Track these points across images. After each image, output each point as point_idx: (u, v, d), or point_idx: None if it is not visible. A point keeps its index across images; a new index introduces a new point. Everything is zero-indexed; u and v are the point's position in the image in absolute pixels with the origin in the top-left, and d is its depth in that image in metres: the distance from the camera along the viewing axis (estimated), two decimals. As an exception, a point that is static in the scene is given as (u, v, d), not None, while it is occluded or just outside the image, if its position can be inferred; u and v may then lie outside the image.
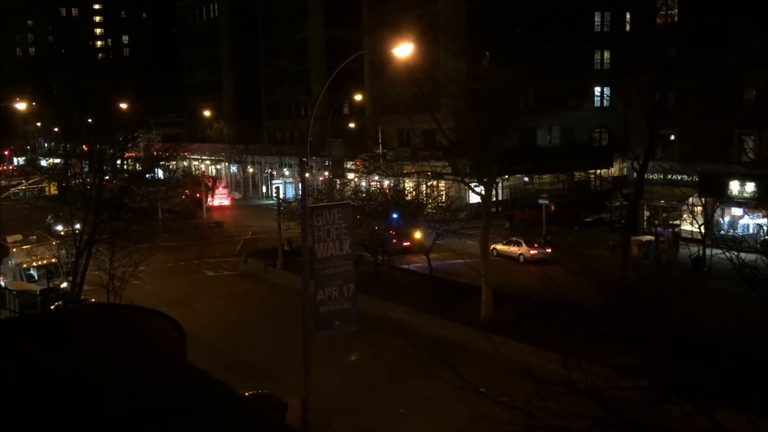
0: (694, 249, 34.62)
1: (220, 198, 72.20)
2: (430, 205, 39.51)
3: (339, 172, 53.77)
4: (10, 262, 36.07)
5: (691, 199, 41.69)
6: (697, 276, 28.08)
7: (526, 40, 55.75)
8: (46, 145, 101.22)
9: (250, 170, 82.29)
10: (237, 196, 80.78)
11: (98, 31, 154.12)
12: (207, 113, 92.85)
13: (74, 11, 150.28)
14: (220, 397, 7.54)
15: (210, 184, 69.01)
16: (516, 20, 57.64)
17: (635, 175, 36.25)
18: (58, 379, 7.69)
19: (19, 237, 38.68)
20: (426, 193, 43.06)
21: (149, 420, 6.85)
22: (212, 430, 6.82)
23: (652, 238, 41.19)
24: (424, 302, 32.29)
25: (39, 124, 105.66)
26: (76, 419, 6.88)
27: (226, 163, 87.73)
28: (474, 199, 46.66)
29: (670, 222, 43.82)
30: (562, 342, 11.11)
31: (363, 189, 46.25)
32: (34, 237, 39.42)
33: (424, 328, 29.88)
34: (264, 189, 79.34)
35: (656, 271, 21.42)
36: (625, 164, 60.52)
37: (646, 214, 46.87)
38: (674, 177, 44.06)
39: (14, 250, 36.57)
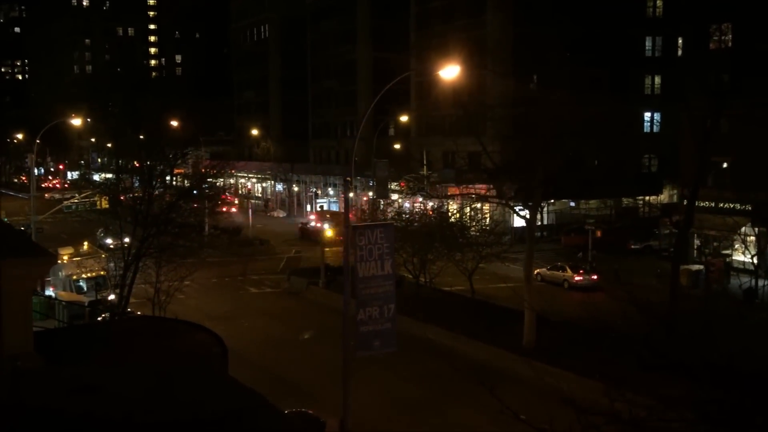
0: (745, 280, 33.66)
1: (228, 206, 71.41)
2: (473, 228, 39.24)
3: (383, 192, 53.88)
4: (60, 273, 36.97)
5: (743, 229, 40.57)
6: (748, 307, 27.24)
7: (575, 63, 55.29)
8: (99, 160, 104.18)
9: (296, 189, 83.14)
10: (282, 214, 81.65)
11: (153, 50, 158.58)
12: (255, 132, 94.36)
13: (130, 31, 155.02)
14: (259, 411, 7.56)
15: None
16: (565, 44, 57.27)
17: (685, 202, 35.49)
18: (101, 388, 7.82)
19: (69, 249, 39.68)
20: (470, 216, 42.82)
21: (188, 430, 6.90)
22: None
23: (702, 267, 40.15)
24: (466, 325, 31.98)
25: (93, 139, 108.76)
26: (115, 428, 6.97)
27: (272, 182, 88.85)
28: (518, 222, 46.21)
29: (721, 251, 42.67)
30: (606, 371, 10.87)
31: (406, 210, 46.23)
32: (85, 249, 40.40)
33: (464, 351, 29.57)
34: (308, 208, 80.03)
35: (706, 300, 20.86)
36: (674, 191, 59.33)
37: (696, 242, 45.73)
38: (726, 205, 42.98)
39: (65, 261, 37.50)
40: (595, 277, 41.24)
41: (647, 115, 65.18)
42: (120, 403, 7.46)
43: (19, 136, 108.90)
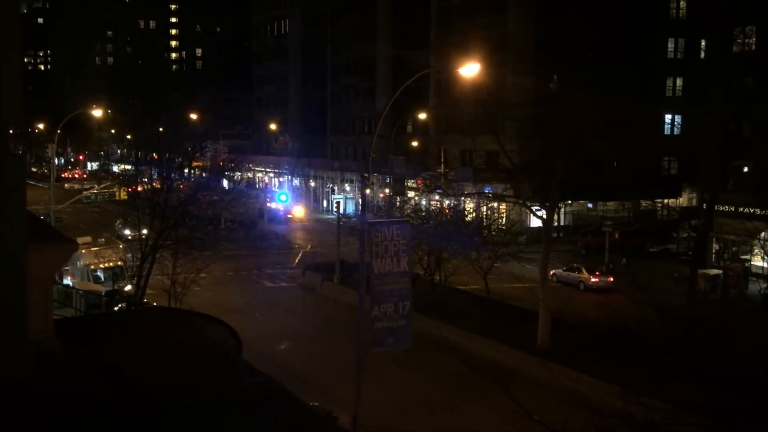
0: (764, 285, 33.30)
1: None
2: (490, 227, 39.13)
3: (399, 189, 53.89)
4: (78, 262, 37.30)
5: (763, 234, 40.14)
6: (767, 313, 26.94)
7: (596, 64, 54.92)
8: (118, 151, 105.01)
9: (312, 184, 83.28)
10: (300, 208, 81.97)
11: (174, 43, 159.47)
12: (273, 126, 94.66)
13: (152, 24, 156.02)
14: (282, 398, 7.61)
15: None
16: (586, 44, 56.89)
17: (705, 206, 35.17)
18: (120, 372, 7.89)
19: (88, 239, 40.01)
20: (486, 215, 42.73)
21: (211, 414, 6.94)
22: (272, 425, 6.88)
23: (721, 272, 39.78)
24: (480, 325, 31.91)
25: (113, 131, 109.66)
26: (135, 409, 7.03)
27: (289, 176, 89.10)
28: (535, 223, 46.05)
29: (740, 256, 42.25)
30: (621, 374, 10.80)
31: (423, 207, 46.18)
32: (103, 240, 40.73)
33: (478, 350, 29.52)
34: (324, 203, 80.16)
35: (725, 305, 20.66)
36: (694, 194, 58.79)
37: (715, 247, 45.31)
38: (746, 210, 42.56)
39: (83, 251, 37.82)
40: (611, 279, 40.98)
41: (668, 118, 64.59)
42: (142, 386, 7.53)
43: (41, 126, 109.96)
